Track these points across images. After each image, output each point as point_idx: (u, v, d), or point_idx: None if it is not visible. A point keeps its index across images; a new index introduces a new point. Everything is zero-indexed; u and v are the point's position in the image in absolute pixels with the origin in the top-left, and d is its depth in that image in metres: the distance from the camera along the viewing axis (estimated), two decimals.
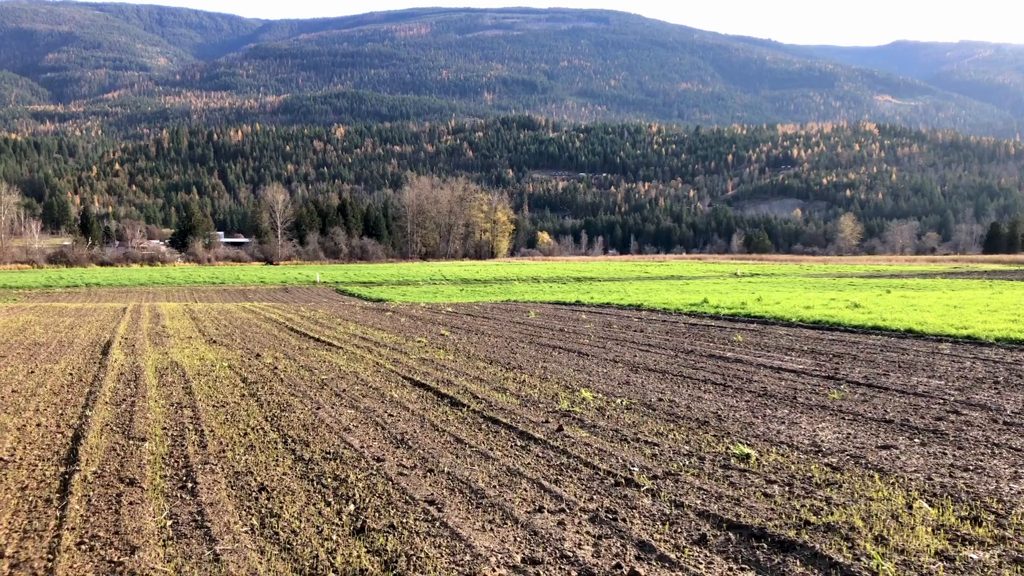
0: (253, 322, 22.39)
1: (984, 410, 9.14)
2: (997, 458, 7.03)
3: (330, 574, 4.56)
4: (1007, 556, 4.74)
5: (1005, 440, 7.67)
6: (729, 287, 40.81)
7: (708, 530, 5.27)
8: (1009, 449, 7.32)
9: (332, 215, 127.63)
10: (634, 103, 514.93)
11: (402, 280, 55.98)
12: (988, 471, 6.61)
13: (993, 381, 11.14)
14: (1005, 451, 7.26)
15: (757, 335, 17.58)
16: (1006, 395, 10.07)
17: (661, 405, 9.67)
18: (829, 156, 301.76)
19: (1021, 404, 9.45)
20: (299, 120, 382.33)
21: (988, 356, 13.68)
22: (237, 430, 8.37)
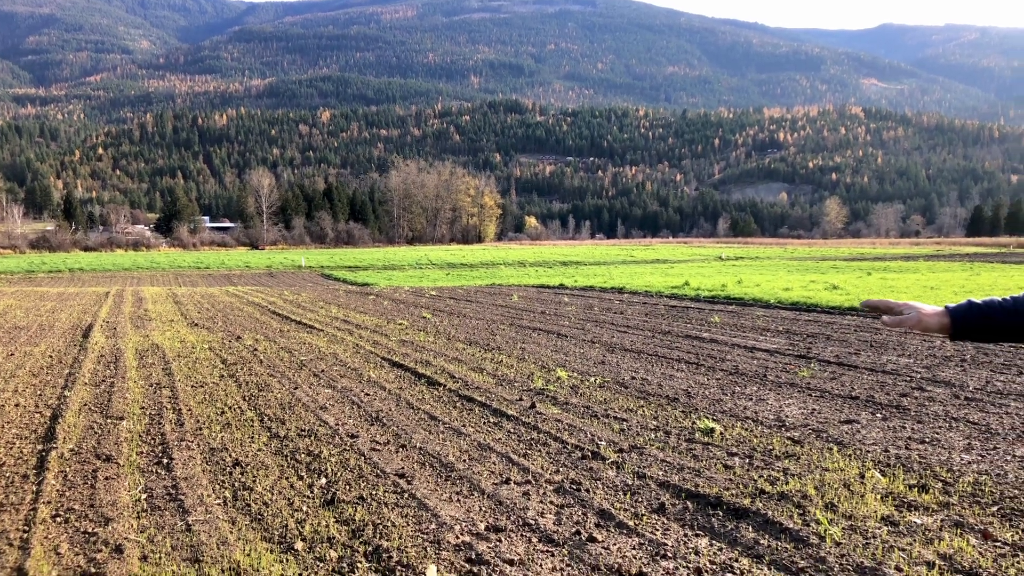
0: (236, 306, 22.46)
1: (948, 386, 9.38)
2: (953, 431, 7.25)
3: (298, 542, 4.71)
4: (948, 520, 4.94)
5: (963, 415, 7.89)
6: (712, 270, 41.10)
7: (667, 499, 5.45)
8: (966, 423, 7.55)
9: (318, 199, 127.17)
10: (621, 87, 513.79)
11: (388, 264, 56.00)
12: (943, 443, 6.83)
13: (960, 359, 11.39)
14: (962, 424, 7.48)
15: (735, 316, 17.81)
16: (971, 372, 10.31)
17: (634, 383, 9.86)
18: (815, 140, 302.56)
19: (983, 381, 9.69)
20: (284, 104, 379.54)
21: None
22: (214, 409, 8.50)
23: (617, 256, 68.59)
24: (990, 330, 2.08)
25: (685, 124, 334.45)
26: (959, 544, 4.55)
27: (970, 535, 4.72)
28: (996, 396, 8.77)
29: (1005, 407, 8.21)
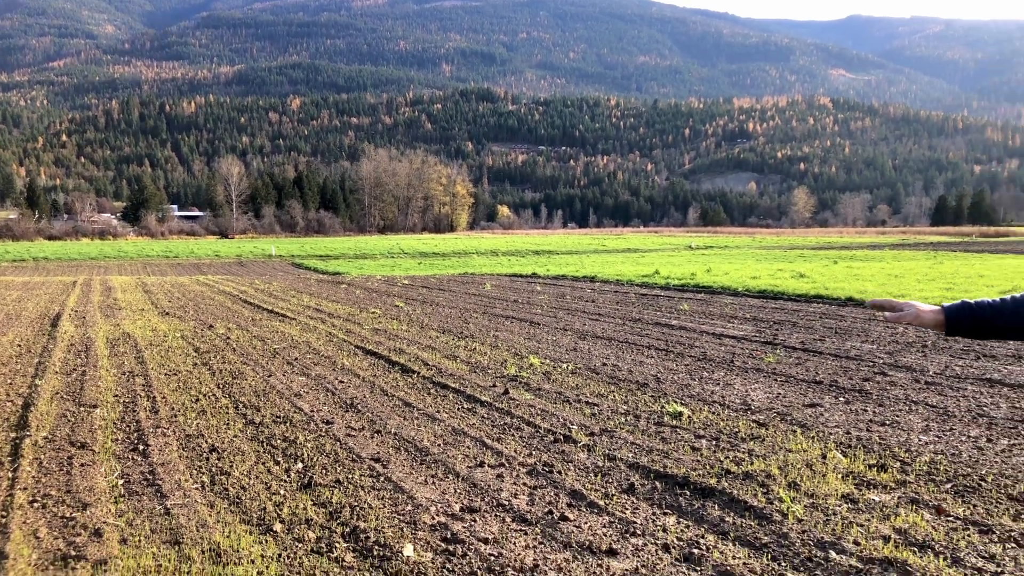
0: (207, 295, 22.32)
1: (908, 371, 9.66)
2: (912, 414, 7.50)
3: (277, 524, 4.80)
4: (905, 498, 5.16)
5: (923, 398, 8.16)
6: (682, 259, 41.50)
7: (637, 480, 5.62)
8: (925, 406, 7.81)
9: (288, 188, 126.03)
10: (593, 76, 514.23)
11: (359, 253, 55.79)
12: (902, 425, 7.07)
13: (921, 345, 11.71)
14: (921, 408, 7.74)
15: (703, 304, 18.09)
16: (931, 357, 10.62)
17: (605, 369, 10.03)
18: (784, 130, 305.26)
19: (943, 366, 9.99)
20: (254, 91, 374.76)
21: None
22: (189, 396, 8.52)
23: (589, 245, 68.91)
24: (980, 328, 2.28)
25: (656, 114, 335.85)
26: (914, 519, 4.76)
27: (925, 511, 4.93)
28: (954, 380, 9.06)
29: (962, 391, 8.50)
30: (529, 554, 4.37)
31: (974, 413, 7.48)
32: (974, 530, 4.63)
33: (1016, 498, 5.16)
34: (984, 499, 5.15)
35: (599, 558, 4.31)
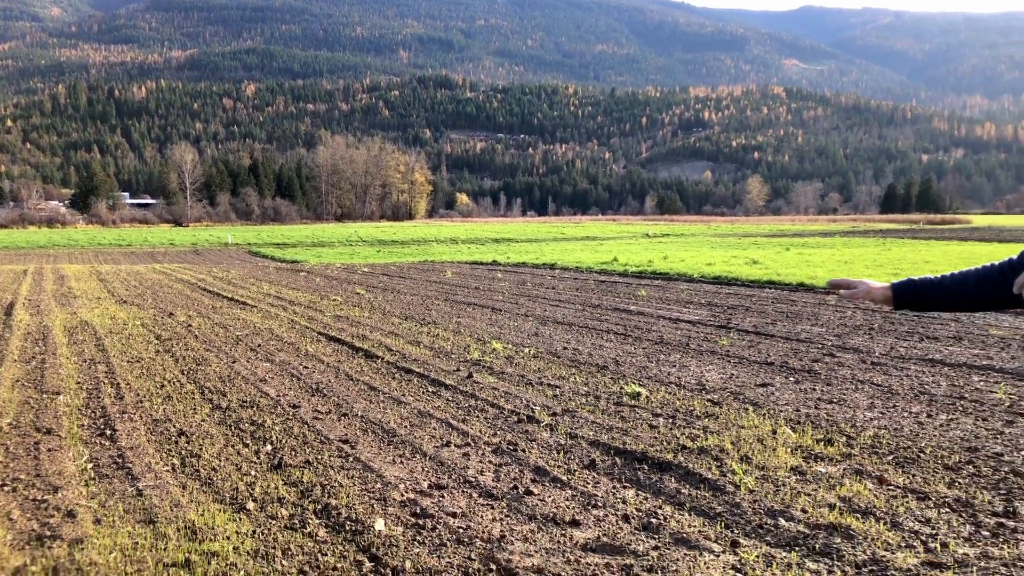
0: (164, 283, 22.08)
1: (856, 353, 10.06)
2: (859, 392, 7.86)
3: (249, 502, 4.93)
4: (850, 469, 5.47)
5: (868, 377, 8.53)
6: (640, 247, 42.00)
7: (597, 456, 5.85)
8: (871, 385, 8.18)
9: (243, 175, 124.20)
10: (551, 64, 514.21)
11: (317, 241, 55.36)
12: (849, 403, 7.41)
13: (868, 328, 12.16)
14: (867, 387, 8.11)
15: (660, 290, 18.45)
16: (877, 340, 11.05)
17: (566, 353, 10.27)
18: (739, 119, 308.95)
19: (888, 347, 10.42)
20: (207, 77, 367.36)
21: (867, 306, 14.80)
22: (153, 383, 8.55)
23: (548, 233, 69.24)
24: (922, 302, 2.59)
25: (614, 102, 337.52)
26: (858, 488, 5.07)
27: (868, 481, 5.24)
28: (899, 361, 9.47)
29: (906, 370, 8.90)
30: (496, 526, 4.57)
31: (916, 391, 7.86)
32: (912, 497, 4.94)
33: (951, 467, 5.50)
34: (922, 469, 5.48)
35: (563, 528, 4.52)
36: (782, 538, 4.35)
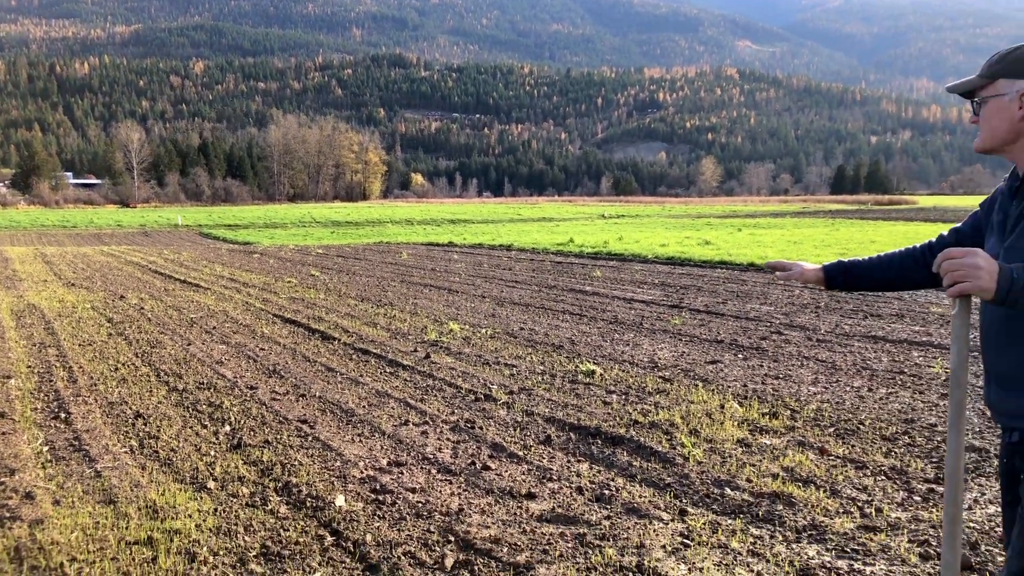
0: (114, 265, 21.70)
1: (802, 330, 10.39)
2: (804, 368, 8.15)
3: (210, 481, 4.99)
4: (793, 441, 5.72)
5: (814, 354, 8.84)
6: (596, 228, 42.32)
7: (553, 432, 6.01)
8: (815, 361, 8.48)
9: (193, 155, 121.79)
10: (506, 43, 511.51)
11: (270, 223, 54.66)
12: (794, 378, 7.69)
13: (815, 306, 12.53)
14: (812, 363, 8.41)
15: (615, 271, 18.71)
16: (823, 317, 11.41)
17: (522, 333, 10.42)
18: (693, 100, 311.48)
19: (834, 325, 10.77)
20: (153, 53, 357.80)
21: (803, 286, 15.21)
22: (107, 366, 8.48)
23: (505, 214, 69.28)
24: (851, 282, 2.72)
25: (569, 83, 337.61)
26: (800, 459, 5.31)
27: (810, 452, 5.49)
28: (843, 338, 9.81)
29: (849, 347, 9.23)
30: (454, 500, 4.70)
31: (859, 366, 8.18)
32: (851, 466, 5.20)
33: (888, 438, 5.78)
34: (861, 440, 5.75)
35: (519, 501, 4.67)
36: (728, 506, 4.56)
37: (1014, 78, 2.13)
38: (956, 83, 2.28)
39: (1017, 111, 2.14)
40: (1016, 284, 1.92)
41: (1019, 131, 2.16)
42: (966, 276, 1.96)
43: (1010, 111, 2.15)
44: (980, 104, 2.22)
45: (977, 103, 2.23)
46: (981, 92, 2.21)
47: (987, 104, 2.19)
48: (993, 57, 2.20)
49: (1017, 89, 2.13)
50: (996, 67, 2.16)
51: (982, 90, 2.21)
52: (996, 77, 2.16)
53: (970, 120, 2.27)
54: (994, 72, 2.16)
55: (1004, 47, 2.23)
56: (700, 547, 4.00)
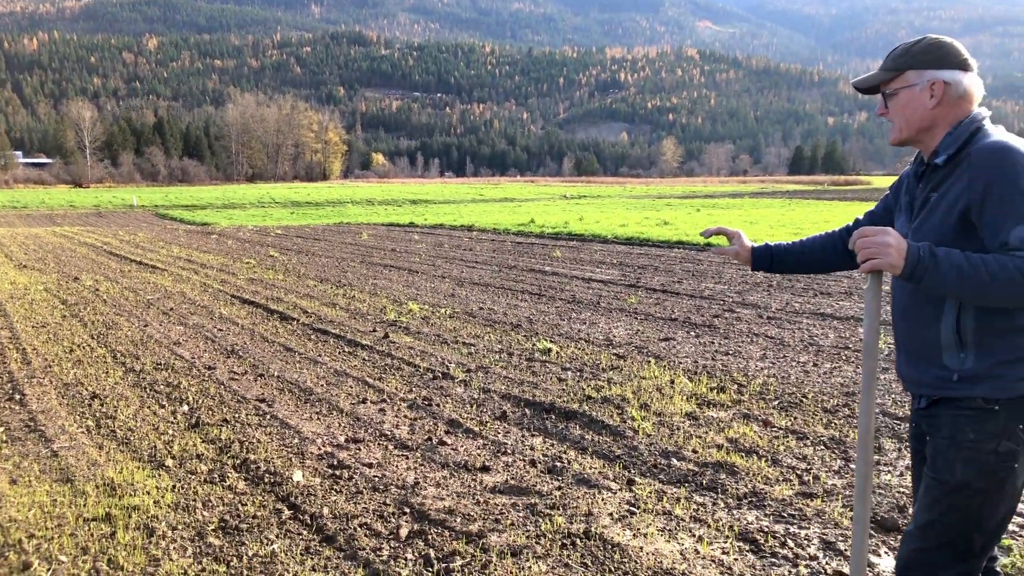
0: (67, 246, 21.32)
1: (754, 308, 10.66)
2: (753, 344, 8.39)
3: (168, 459, 5.04)
4: (738, 413, 5.93)
5: (763, 331, 9.10)
6: (557, 208, 42.50)
7: (508, 408, 6.16)
8: (764, 338, 8.73)
9: (148, 134, 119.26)
10: (467, 22, 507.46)
11: (228, 203, 53.93)
12: (743, 354, 7.93)
13: (767, 285, 12.83)
14: (761, 339, 8.66)
15: (575, 251, 18.90)
16: (775, 296, 11.71)
17: (481, 313, 10.54)
18: (654, 81, 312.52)
19: (784, 303, 11.06)
20: (104, 29, 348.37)
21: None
22: (62, 348, 8.43)
23: (467, 195, 69.15)
24: (776, 265, 2.86)
25: (531, 62, 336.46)
26: (744, 431, 5.52)
27: (754, 424, 5.70)
28: (792, 315, 10.09)
29: (798, 324, 9.51)
30: (410, 474, 4.82)
31: (806, 343, 8.45)
32: (793, 437, 5.42)
33: (829, 410, 6.02)
34: (804, 412, 5.99)
35: (473, 474, 4.81)
36: (674, 476, 4.75)
37: (922, 69, 2.28)
38: (863, 78, 2.41)
39: (929, 100, 2.29)
40: (922, 262, 2.08)
41: (932, 120, 2.31)
42: (877, 253, 2.12)
43: (922, 101, 2.30)
44: (890, 97, 2.35)
45: (887, 96, 2.36)
46: (890, 85, 2.34)
47: (898, 96, 2.33)
48: (896, 50, 2.34)
49: (927, 79, 2.28)
50: (902, 60, 2.31)
51: (891, 83, 2.34)
52: (903, 69, 2.30)
53: (878, 112, 2.41)
54: (900, 65, 2.30)
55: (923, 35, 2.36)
56: (645, 514, 4.18)
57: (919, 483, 2.42)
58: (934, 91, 2.27)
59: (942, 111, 2.28)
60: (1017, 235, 2.06)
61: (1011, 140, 2.18)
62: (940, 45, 2.28)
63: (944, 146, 2.27)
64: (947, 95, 2.27)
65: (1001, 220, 2.10)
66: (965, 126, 2.25)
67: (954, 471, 2.24)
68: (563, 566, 3.61)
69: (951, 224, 2.20)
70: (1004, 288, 2.03)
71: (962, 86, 2.27)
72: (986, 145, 2.17)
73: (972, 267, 2.05)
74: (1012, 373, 2.19)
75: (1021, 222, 2.07)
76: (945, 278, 2.08)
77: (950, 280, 2.07)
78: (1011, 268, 2.02)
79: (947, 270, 2.07)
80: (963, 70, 2.28)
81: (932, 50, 2.27)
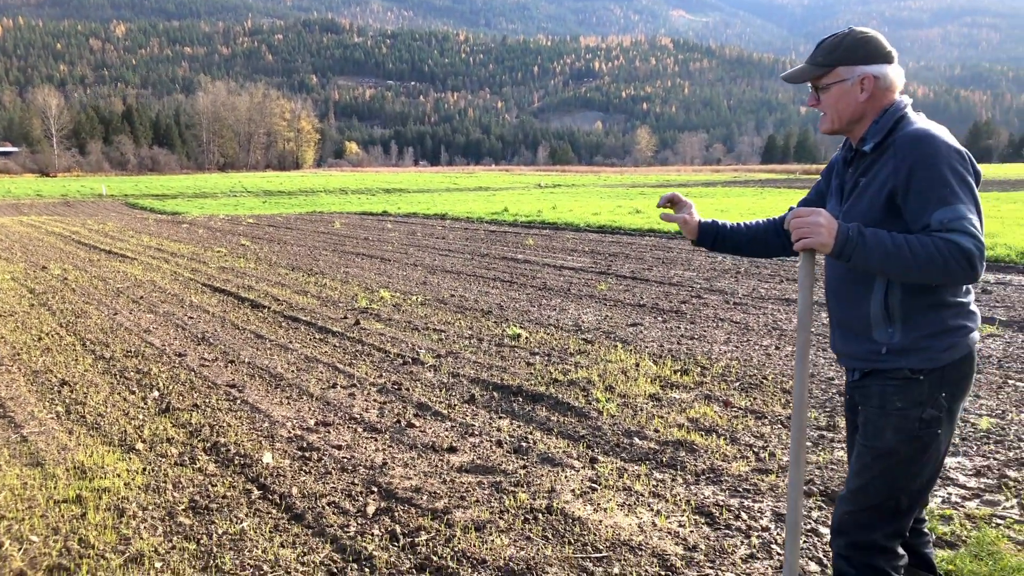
0: (34, 236, 21.08)
1: (721, 294, 10.86)
2: (718, 329, 8.58)
3: (138, 443, 5.10)
4: (700, 395, 6.10)
5: (729, 316, 9.29)
6: (531, 197, 42.58)
7: (477, 392, 6.27)
8: (730, 323, 8.92)
9: (117, 122, 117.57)
10: (441, 9, 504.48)
11: (199, 192, 53.39)
12: (708, 338, 8.11)
13: (736, 271, 13.05)
14: (726, 324, 8.84)
15: (548, 239, 19.03)
16: (742, 282, 11.92)
17: (452, 300, 10.64)
18: (628, 70, 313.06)
19: (751, 288, 11.28)
20: (71, 15, 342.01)
21: None
22: (30, 336, 8.41)
23: (441, 184, 68.98)
24: (718, 244, 2.89)
25: (505, 51, 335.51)
26: (705, 411, 5.68)
27: (715, 404, 5.87)
28: (758, 301, 10.30)
29: (763, 309, 9.72)
30: (379, 455, 4.93)
31: (769, 327, 8.64)
32: (752, 417, 5.59)
33: (788, 391, 6.20)
34: (763, 393, 6.16)
35: (441, 455, 4.93)
36: (635, 454, 4.90)
37: (852, 64, 2.41)
38: (793, 72, 2.53)
39: (860, 94, 2.42)
40: (850, 241, 2.22)
41: (863, 111, 2.44)
42: (809, 232, 2.26)
43: (853, 94, 2.43)
44: (823, 90, 2.47)
45: (818, 89, 2.48)
46: (822, 80, 2.46)
47: (830, 90, 2.45)
48: (826, 45, 2.46)
49: (858, 74, 2.41)
50: (833, 55, 2.43)
51: (823, 77, 2.46)
52: (835, 65, 2.43)
53: (808, 104, 2.54)
54: (832, 60, 2.43)
55: (838, 30, 2.48)
56: (607, 490, 4.33)
57: (852, 452, 2.58)
58: (864, 85, 2.40)
59: (871, 102, 2.41)
60: (937, 217, 2.20)
61: (932, 128, 2.32)
62: (867, 40, 2.41)
63: (871, 134, 2.40)
64: (876, 88, 2.40)
65: (923, 203, 2.24)
66: (890, 115, 2.39)
67: (884, 437, 2.39)
68: (525, 539, 3.74)
69: (879, 206, 2.34)
70: (925, 266, 2.17)
71: (888, 78, 2.40)
72: (909, 133, 2.31)
73: (896, 246, 2.19)
74: (935, 345, 2.34)
75: (941, 205, 2.21)
76: (872, 256, 2.21)
77: (877, 258, 2.21)
78: (932, 247, 2.16)
79: (874, 249, 2.20)
80: (888, 63, 2.41)
81: (861, 46, 2.40)
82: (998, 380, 6.40)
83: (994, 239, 15.37)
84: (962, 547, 3.62)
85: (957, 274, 2.17)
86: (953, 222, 2.18)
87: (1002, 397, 5.97)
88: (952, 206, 2.20)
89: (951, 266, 2.14)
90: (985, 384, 6.30)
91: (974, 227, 2.19)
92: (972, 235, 2.17)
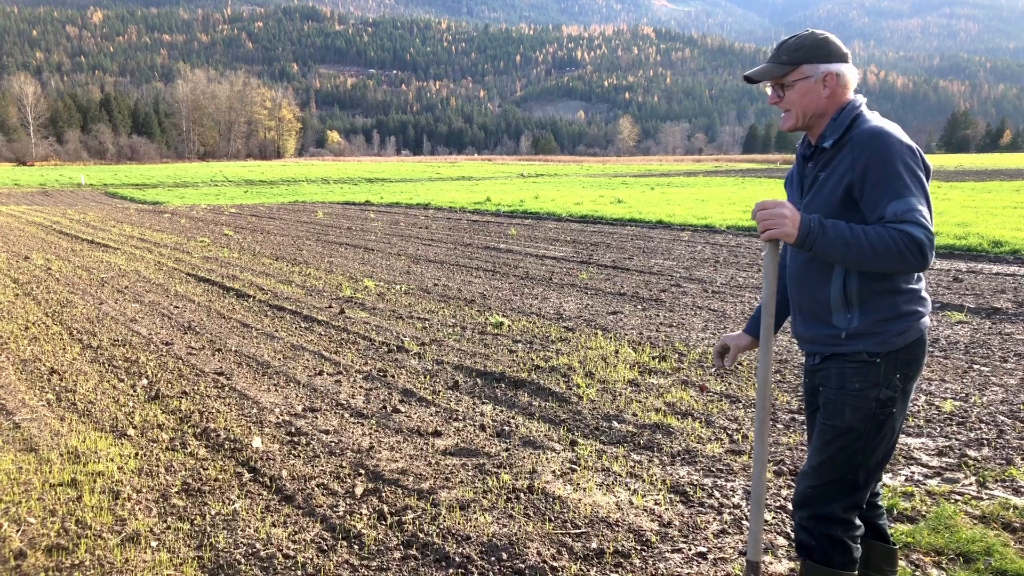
0: (14, 226, 20.97)
1: (700, 283, 11.06)
2: (696, 317, 8.77)
3: (130, 429, 5.22)
4: (677, 380, 6.28)
5: (707, 304, 9.49)
6: (514, 187, 42.69)
7: (461, 378, 6.43)
8: (708, 311, 9.12)
9: (95, 110, 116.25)
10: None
11: (180, 182, 53.06)
12: (686, 326, 8.30)
13: (715, 261, 13.26)
14: (705, 312, 9.04)
15: (530, 228, 19.18)
16: (721, 271, 12.13)
17: (436, 289, 10.77)
18: (610, 59, 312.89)
19: (729, 277, 11.49)
20: (46, 1, 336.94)
21: (717, 241, 16.05)
22: (16, 326, 8.47)
23: (424, 173, 68.88)
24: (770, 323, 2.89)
25: (488, 39, 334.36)
26: (682, 395, 5.87)
27: (691, 389, 6.06)
28: (736, 289, 10.51)
29: (741, 297, 9.93)
30: (365, 439, 5.07)
31: (746, 315, 8.85)
32: (726, 401, 5.78)
33: None
34: (739, 378, 6.36)
35: (426, 439, 5.08)
36: (614, 437, 5.07)
37: (816, 63, 2.56)
38: (758, 71, 2.67)
39: (823, 91, 2.58)
40: (812, 231, 2.38)
41: (824, 108, 2.60)
42: (774, 224, 2.42)
43: (817, 91, 2.58)
44: (787, 88, 2.62)
45: (783, 87, 2.63)
46: (788, 77, 2.61)
47: (795, 87, 2.60)
48: (790, 45, 2.60)
49: (821, 71, 2.56)
50: (798, 54, 2.58)
51: (788, 75, 2.60)
52: (799, 63, 2.58)
53: (770, 102, 2.69)
54: (797, 59, 2.58)
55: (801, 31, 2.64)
56: (585, 471, 4.50)
57: (812, 431, 2.75)
58: (827, 82, 2.56)
59: (832, 100, 2.57)
60: (892, 209, 2.37)
61: (886, 125, 2.49)
62: (828, 40, 2.57)
63: (831, 131, 2.56)
64: (837, 85, 2.56)
65: (878, 196, 2.40)
66: (847, 112, 2.55)
67: (843, 416, 2.57)
68: (507, 517, 3.91)
69: (837, 199, 2.50)
70: (882, 254, 2.33)
71: (846, 77, 2.57)
72: (865, 130, 2.47)
73: (855, 236, 2.35)
74: (890, 329, 2.52)
75: (895, 198, 2.38)
76: (832, 246, 2.37)
77: (837, 248, 2.37)
78: (887, 237, 2.32)
79: (834, 239, 2.37)
80: (845, 62, 2.58)
81: (823, 45, 2.56)
82: (963, 365, 6.64)
83: (967, 228, 15.69)
84: (921, 521, 3.82)
85: (910, 262, 2.34)
86: (906, 214, 2.35)
87: (966, 381, 6.20)
88: (904, 199, 2.37)
89: (905, 255, 2.31)
90: (951, 369, 6.53)
91: (924, 219, 2.35)
92: (923, 226, 2.33)
